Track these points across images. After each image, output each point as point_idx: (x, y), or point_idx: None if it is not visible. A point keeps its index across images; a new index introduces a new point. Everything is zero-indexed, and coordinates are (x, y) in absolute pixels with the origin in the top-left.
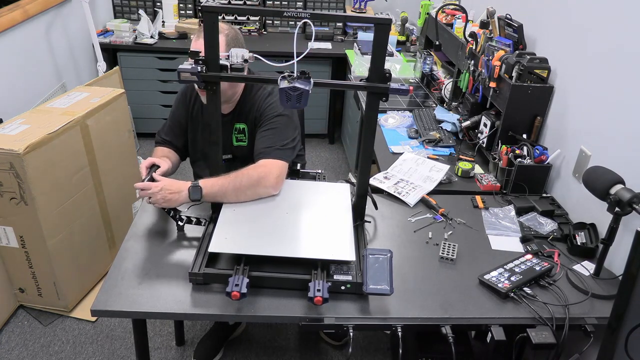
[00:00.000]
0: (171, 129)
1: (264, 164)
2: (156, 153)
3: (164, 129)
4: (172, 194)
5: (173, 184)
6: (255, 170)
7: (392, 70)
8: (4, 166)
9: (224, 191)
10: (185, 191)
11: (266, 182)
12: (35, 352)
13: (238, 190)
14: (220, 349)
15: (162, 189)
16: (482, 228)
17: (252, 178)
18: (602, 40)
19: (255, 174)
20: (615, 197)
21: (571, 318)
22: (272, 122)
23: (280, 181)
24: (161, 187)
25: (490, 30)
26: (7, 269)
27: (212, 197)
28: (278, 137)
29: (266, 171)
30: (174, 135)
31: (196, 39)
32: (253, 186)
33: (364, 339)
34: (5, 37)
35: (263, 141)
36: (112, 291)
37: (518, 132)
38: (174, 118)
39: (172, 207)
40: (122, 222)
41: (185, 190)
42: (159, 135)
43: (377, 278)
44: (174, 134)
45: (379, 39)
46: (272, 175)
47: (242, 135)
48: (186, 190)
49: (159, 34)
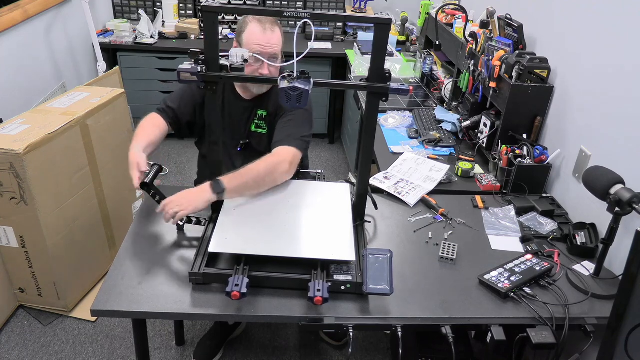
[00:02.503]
0: (181, 100)
1: (279, 152)
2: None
3: (171, 98)
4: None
5: (188, 191)
6: (271, 158)
7: (392, 70)
8: (4, 166)
9: (245, 182)
10: (207, 187)
11: (282, 168)
12: (35, 352)
13: (257, 179)
14: (220, 349)
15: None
16: (482, 228)
17: (269, 166)
18: (602, 40)
19: (272, 161)
20: (615, 197)
21: (571, 318)
22: (294, 114)
23: (293, 168)
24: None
25: (490, 30)
26: (7, 269)
27: (234, 192)
28: (297, 129)
29: (281, 159)
30: (181, 106)
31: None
32: (271, 173)
33: (364, 339)
34: (5, 37)
35: (283, 130)
36: (112, 291)
37: (518, 132)
38: (189, 92)
39: (198, 209)
40: (122, 222)
41: (207, 186)
42: (164, 102)
43: (377, 278)
44: (182, 104)
45: (379, 39)
46: (287, 162)
47: (262, 122)
48: (207, 187)
49: (159, 34)
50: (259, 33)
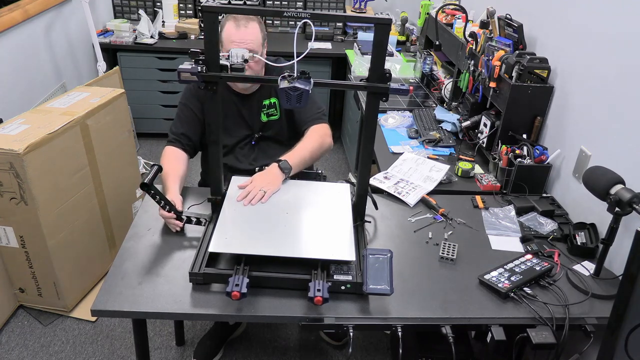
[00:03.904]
0: (186, 122)
1: (317, 129)
2: (168, 156)
3: (176, 125)
4: (272, 177)
5: (263, 173)
6: (315, 135)
7: (392, 70)
8: (4, 166)
9: (303, 158)
10: (277, 169)
11: (327, 140)
12: (35, 352)
13: (312, 153)
14: (220, 349)
15: (256, 185)
16: (482, 228)
17: (316, 141)
18: (602, 40)
19: (317, 137)
20: (615, 197)
21: (571, 318)
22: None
23: (331, 139)
24: (257, 184)
25: (490, 30)
26: (7, 269)
27: (297, 168)
28: (316, 106)
29: (322, 133)
30: (190, 128)
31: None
32: (320, 146)
33: (364, 339)
34: (5, 37)
35: (305, 111)
36: (112, 291)
37: (518, 132)
38: (187, 112)
39: (278, 189)
40: (122, 222)
41: (275, 167)
42: (172, 132)
43: (377, 278)
44: (190, 126)
45: (379, 39)
46: (328, 135)
47: (273, 110)
48: (276, 168)
49: (159, 34)
50: (233, 30)
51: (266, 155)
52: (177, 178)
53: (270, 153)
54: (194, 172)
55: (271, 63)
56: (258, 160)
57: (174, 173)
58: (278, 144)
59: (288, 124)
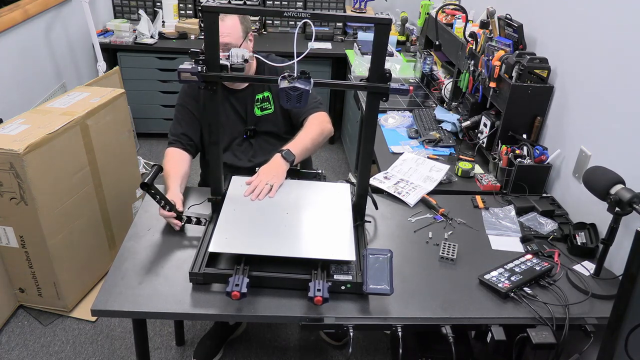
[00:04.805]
0: (185, 122)
1: (317, 117)
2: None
3: (175, 126)
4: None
5: (267, 166)
6: (316, 122)
7: (392, 70)
8: (4, 166)
9: (305, 146)
10: (281, 159)
11: (327, 127)
12: (35, 352)
13: (314, 141)
14: (220, 349)
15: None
16: (482, 228)
17: (317, 128)
18: (602, 40)
19: (318, 124)
20: (615, 197)
21: (571, 318)
22: None
23: (332, 126)
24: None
25: (490, 30)
26: (7, 269)
27: (300, 157)
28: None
29: (321, 119)
30: (189, 127)
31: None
32: (321, 133)
33: (364, 339)
34: (5, 37)
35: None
36: (112, 291)
37: (518, 132)
38: (185, 112)
39: (281, 183)
40: (122, 222)
41: (279, 158)
42: (172, 133)
43: (377, 278)
44: (189, 126)
45: (379, 39)
46: (327, 122)
47: (267, 103)
48: (280, 158)
49: (159, 34)
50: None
51: (265, 151)
52: (178, 178)
53: (268, 148)
54: (194, 172)
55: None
56: (257, 157)
57: (175, 173)
58: (275, 138)
59: (284, 118)
